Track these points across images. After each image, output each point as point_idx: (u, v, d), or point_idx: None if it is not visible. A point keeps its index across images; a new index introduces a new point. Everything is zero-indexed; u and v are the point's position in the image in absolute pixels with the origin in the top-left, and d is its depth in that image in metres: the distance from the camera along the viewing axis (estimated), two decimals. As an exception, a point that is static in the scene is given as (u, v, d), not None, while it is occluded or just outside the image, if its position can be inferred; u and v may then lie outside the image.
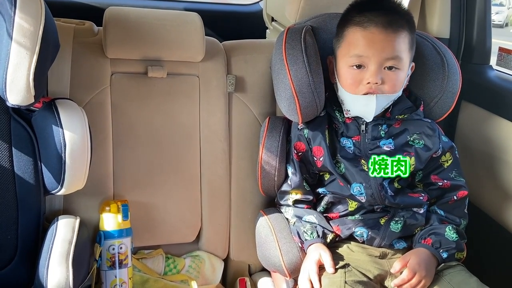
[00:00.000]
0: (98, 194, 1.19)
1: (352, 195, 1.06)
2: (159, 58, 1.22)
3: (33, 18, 0.87)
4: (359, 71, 1.02)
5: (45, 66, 0.95)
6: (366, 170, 1.06)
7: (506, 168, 1.20)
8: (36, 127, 1.01)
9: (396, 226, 1.05)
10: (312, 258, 1.01)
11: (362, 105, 1.04)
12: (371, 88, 1.02)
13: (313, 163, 1.11)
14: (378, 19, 1.00)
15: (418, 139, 1.08)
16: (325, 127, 1.10)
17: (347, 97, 1.06)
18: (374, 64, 1.00)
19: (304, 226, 1.06)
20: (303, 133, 1.12)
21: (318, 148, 1.09)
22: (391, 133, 1.08)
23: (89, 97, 1.18)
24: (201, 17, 1.24)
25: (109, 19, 1.18)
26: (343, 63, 1.05)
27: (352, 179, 1.06)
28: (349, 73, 1.04)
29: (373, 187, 1.05)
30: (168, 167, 1.25)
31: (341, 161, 1.08)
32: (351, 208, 1.09)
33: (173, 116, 1.25)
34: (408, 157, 1.06)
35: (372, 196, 1.05)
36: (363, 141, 1.08)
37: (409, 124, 1.09)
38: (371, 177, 1.05)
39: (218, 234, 1.30)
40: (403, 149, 1.07)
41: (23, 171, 1.01)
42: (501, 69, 1.32)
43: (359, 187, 1.06)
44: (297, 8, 1.20)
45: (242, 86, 1.30)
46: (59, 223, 1.04)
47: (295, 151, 1.13)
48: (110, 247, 1.13)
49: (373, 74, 1.00)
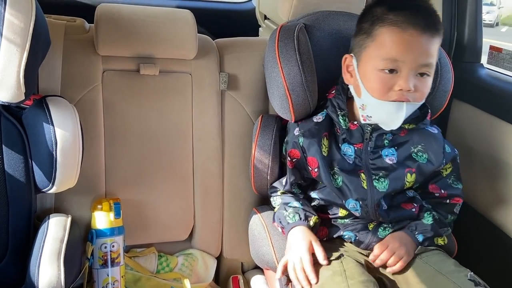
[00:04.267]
0: (90, 192, 1.18)
1: (344, 207, 1.04)
2: (151, 56, 1.22)
3: (23, 14, 0.86)
4: (390, 76, 0.93)
5: (36, 63, 0.94)
6: (365, 187, 1.01)
7: (498, 166, 1.21)
8: (27, 124, 1.00)
9: (384, 232, 1.04)
10: (303, 245, 0.97)
11: (390, 113, 0.95)
12: (403, 95, 0.93)
13: (308, 171, 1.07)
14: (416, 20, 0.91)
15: (422, 151, 1.03)
16: (323, 134, 1.04)
17: (372, 103, 0.96)
18: (408, 70, 0.92)
19: (287, 210, 1.05)
20: (298, 141, 1.06)
21: (312, 159, 1.04)
22: (395, 142, 1.03)
23: (80, 94, 1.17)
24: (194, 15, 1.24)
25: (101, 16, 1.17)
26: (371, 65, 0.95)
27: (349, 195, 1.02)
28: (378, 76, 0.94)
29: (370, 205, 1.01)
30: (161, 165, 1.24)
31: (339, 173, 1.02)
32: (342, 214, 1.06)
33: (165, 114, 1.24)
34: (409, 174, 1.02)
35: (366, 214, 1.03)
36: (365, 149, 1.03)
37: (415, 134, 1.04)
38: (369, 194, 1.01)
39: (211, 232, 1.30)
40: (405, 163, 1.02)
41: (13, 169, 0.99)
42: (492, 68, 1.33)
43: (355, 204, 1.02)
44: (289, 6, 1.20)
45: (234, 84, 1.30)
46: (50, 221, 1.03)
47: (289, 158, 1.08)
48: (102, 246, 1.12)
49: (407, 80, 0.92)
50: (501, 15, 10.38)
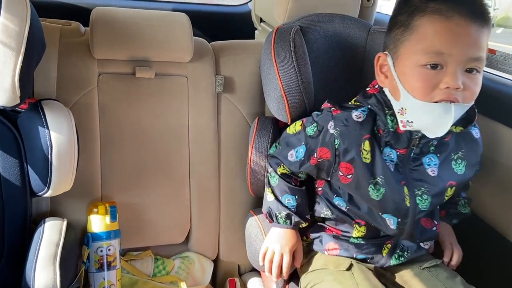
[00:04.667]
0: (86, 195, 1.18)
1: (377, 220, 0.94)
2: (147, 59, 1.22)
3: (18, 18, 0.86)
4: (434, 72, 0.80)
5: (31, 66, 0.94)
6: (408, 205, 0.90)
7: (494, 168, 1.21)
8: (22, 128, 1.00)
9: (397, 261, 0.99)
10: (288, 246, 1.00)
11: (435, 116, 0.81)
12: (451, 95, 0.80)
13: (333, 177, 0.94)
14: (463, 8, 0.79)
15: (462, 158, 0.93)
16: (364, 137, 0.90)
17: (413, 105, 0.83)
18: (456, 64, 0.79)
19: (280, 212, 1.01)
20: (333, 142, 0.91)
21: (347, 166, 0.91)
22: (439, 148, 0.92)
23: (76, 98, 1.17)
24: (190, 18, 1.24)
25: (96, 19, 1.17)
26: (410, 61, 0.83)
27: (387, 208, 0.91)
28: (420, 73, 0.81)
29: (408, 225, 0.92)
30: (157, 168, 1.24)
31: (383, 185, 0.89)
32: (356, 234, 0.98)
33: (161, 117, 1.24)
34: (450, 188, 0.94)
35: (401, 232, 0.94)
36: (408, 156, 0.91)
37: (460, 138, 0.94)
38: (411, 213, 0.91)
39: (207, 234, 1.30)
40: (446, 175, 0.92)
41: (9, 173, 0.99)
42: (486, 69, 1.33)
43: (392, 220, 0.93)
44: (285, 9, 1.20)
45: (230, 87, 1.30)
46: (46, 225, 1.02)
47: (316, 155, 0.95)
48: (98, 249, 1.12)
49: (454, 76, 0.79)
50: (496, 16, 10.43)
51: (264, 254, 1.03)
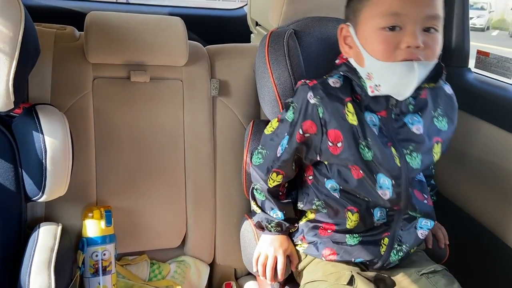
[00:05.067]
0: (81, 200, 1.18)
1: (374, 188, 0.90)
2: (142, 63, 1.22)
3: (12, 23, 0.86)
4: (394, 33, 0.83)
5: (25, 71, 0.94)
6: (399, 164, 0.89)
7: (486, 169, 1.22)
8: (16, 133, 1.00)
9: (396, 257, 0.97)
10: (281, 249, 1.00)
11: (400, 75, 0.83)
12: (412, 53, 0.82)
13: (322, 150, 0.92)
14: None
15: (442, 115, 0.94)
16: (346, 100, 0.89)
17: (378, 68, 0.85)
18: (413, 24, 0.81)
19: (269, 223, 1.02)
20: (316, 111, 0.90)
21: (335, 132, 0.89)
22: (418, 106, 0.93)
23: (70, 102, 1.17)
24: (186, 22, 1.24)
25: (91, 23, 1.17)
26: (370, 27, 0.85)
27: (379, 169, 0.89)
28: (380, 36, 0.83)
29: (403, 186, 0.90)
30: (152, 172, 1.24)
31: (372, 146, 0.88)
32: (350, 224, 0.95)
33: (156, 121, 1.24)
34: (437, 144, 0.93)
35: (398, 196, 0.90)
36: (389, 118, 0.91)
37: (434, 95, 0.94)
38: (403, 172, 0.89)
39: (203, 238, 1.30)
40: (431, 132, 0.93)
41: (3, 178, 0.99)
42: (479, 72, 1.34)
43: (387, 181, 0.89)
44: (279, 13, 1.21)
45: (226, 90, 1.30)
46: (40, 230, 1.02)
47: (301, 131, 0.92)
48: (93, 254, 1.12)
49: (414, 35, 0.81)
50: (492, 19, 10.51)
51: (257, 259, 1.03)
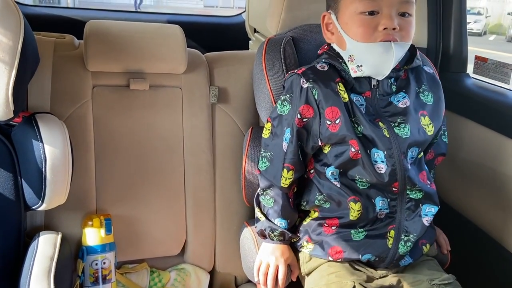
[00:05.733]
0: (80, 208, 1.17)
1: (370, 165, 0.92)
2: (141, 71, 1.22)
3: (12, 32, 0.87)
4: (372, 17, 0.91)
5: (25, 80, 0.94)
6: (387, 135, 0.92)
7: (485, 174, 1.22)
8: (16, 142, 1.00)
9: (405, 248, 0.96)
10: (283, 258, 1.00)
11: (379, 55, 0.91)
12: (389, 35, 0.90)
13: (322, 132, 0.94)
14: None
15: (427, 91, 0.99)
16: (336, 80, 0.95)
17: (358, 48, 0.93)
18: (389, 8, 0.90)
19: (273, 231, 1.01)
20: (312, 93, 0.94)
21: (332, 109, 0.93)
22: (400, 86, 0.98)
23: (70, 110, 1.17)
24: (184, 29, 1.25)
25: (90, 32, 1.18)
26: (350, 12, 0.93)
27: (372, 144, 0.92)
28: (359, 19, 0.91)
29: (396, 156, 0.92)
30: (152, 179, 1.24)
31: (360, 122, 0.93)
32: (353, 215, 0.95)
33: (156, 128, 1.24)
34: (423, 117, 0.96)
35: (393, 166, 0.92)
36: (374, 97, 0.96)
37: (414, 74, 1.00)
38: (393, 143, 0.92)
39: (203, 246, 1.29)
40: (417, 106, 0.97)
41: (2, 187, 0.99)
42: (478, 77, 1.35)
43: (380, 154, 0.92)
44: (278, 20, 1.22)
45: (225, 97, 1.31)
46: (40, 239, 1.02)
47: (299, 116, 0.95)
48: (93, 263, 1.12)
49: (390, 18, 0.89)
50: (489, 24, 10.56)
51: (259, 268, 1.02)
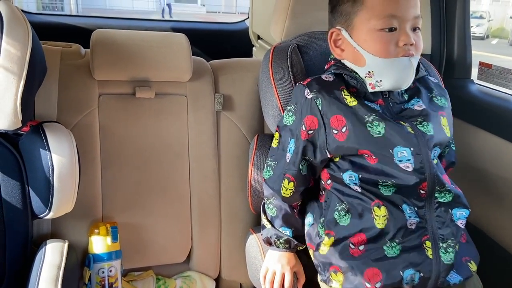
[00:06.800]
0: (87, 216, 1.18)
1: (394, 165, 0.88)
2: (146, 79, 1.23)
3: (20, 43, 0.88)
4: (391, 33, 0.90)
5: (33, 90, 0.95)
6: (412, 131, 0.89)
7: (490, 180, 1.22)
8: (24, 151, 1.00)
9: (448, 256, 0.88)
10: (289, 266, 1.00)
11: (401, 69, 0.91)
12: (409, 50, 0.91)
13: (329, 142, 0.92)
14: None
15: (439, 95, 1.00)
16: (341, 88, 0.94)
17: (380, 65, 0.91)
18: (405, 24, 0.90)
19: (278, 239, 1.01)
20: (315, 104, 0.93)
21: (338, 118, 0.91)
22: (411, 94, 0.97)
23: (77, 119, 1.18)
24: (188, 36, 1.26)
25: (96, 41, 1.19)
26: (368, 29, 0.91)
27: (395, 142, 0.88)
28: (380, 36, 0.90)
29: (423, 153, 0.88)
30: (157, 187, 1.24)
31: (379, 120, 0.90)
32: (379, 222, 0.88)
33: (161, 136, 1.25)
34: (442, 117, 0.96)
35: (421, 164, 0.88)
36: (387, 105, 0.95)
37: (423, 83, 1.01)
38: (420, 139, 0.89)
39: (209, 253, 1.29)
40: (433, 108, 0.97)
41: (10, 195, 0.99)
42: (482, 83, 1.35)
43: (405, 152, 0.88)
44: (282, 28, 1.22)
45: (230, 105, 1.31)
46: (47, 247, 1.02)
47: (304, 127, 0.94)
48: (100, 270, 1.12)
49: (407, 34, 0.90)
50: (491, 27, 10.56)
51: (265, 275, 1.03)
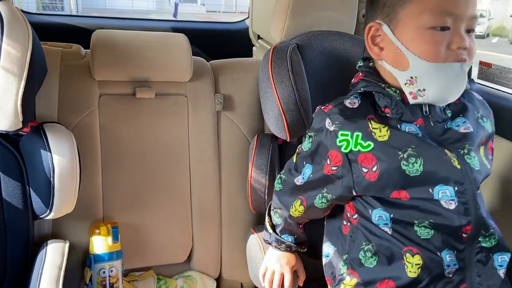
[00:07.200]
0: (88, 217, 1.18)
1: (434, 203, 0.77)
2: (147, 79, 1.23)
3: (20, 44, 0.88)
4: (443, 33, 0.76)
5: (33, 91, 0.95)
6: (458, 166, 0.76)
7: (491, 180, 1.21)
8: (24, 151, 1.01)
9: None
10: (289, 265, 1.00)
11: (452, 78, 0.77)
12: (461, 55, 0.76)
13: (356, 181, 0.80)
14: None
15: (485, 117, 0.86)
16: (368, 117, 0.80)
17: (426, 69, 0.77)
18: (460, 23, 0.76)
19: (279, 244, 1.01)
20: (337, 140, 0.80)
21: (366, 155, 0.78)
22: (455, 111, 0.83)
23: (77, 119, 1.18)
24: (188, 35, 1.26)
25: (97, 42, 1.19)
26: (416, 26, 0.77)
27: (435, 180, 0.76)
28: (430, 35, 0.76)
29: (469, 192, 0.76)
30: (158, 187, 1.25)
31: (417, 154, 0.76)
32: (411, 271, 0.77)
33: (162, 136, 1.25)
34: (483, 146, 0.84)
35: (465, 206, 0.76)
36: (428, 125, 0.80)
37: (469, 98, 0.87)
38: (466, 175, 0.76)
39: (209, 253, 1.30)
40: (479, 130, 0.83)
41: (11, 196, 1.00)
42: (482, 83, 1.35)
43: (448, 192, 0.76)
44: (282, 27, 1.22)
45: (230, 105, 1.31)
46: (48, 248, 1.02)
47: (329, 162, 0.81)
48: (101, 271, 1.12)
49: (461, 35, 0.76)
50: (491, 26, 10.54)
51: (264, 274, 1.03)
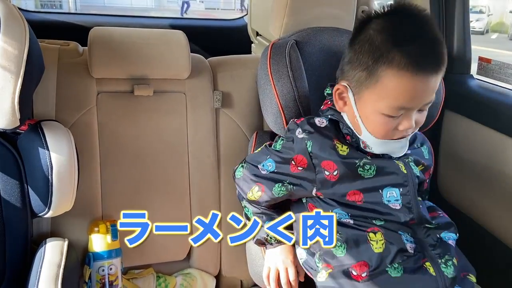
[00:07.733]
0: (86, 215, 1.18)
1: (383, 205, 0.89)
2: (145, 77, 1.23)
3: (17, 41, 0.87)
4: (393, 119, 0.86)
5: (30, 89, 0.95)
6: (405, 171, 0.90)
7: (490, 175, 1.22)
8: (22, 149, 1.00)
9: (450, 269, 0.87)
10: (289, 259, 1.00)
11: (393, 148, 0.92)
12: (406, 133, 0.89)
13: (319, 181, 0.92)
14: (427, 60, 0.81)
15: (421, 144, 1.03)
16: (333, 137, 0.93)
17: (374, 142, 0.91)
18: (414, 111, 0.86)
19: (267, 235, 1.00)
20: (305, 145, 0.92)
21: (328, 163, 0.90)
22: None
23: (75, 117, 1.17)
24: (187, 33, 1.25)
25: (94, 39, 1.18)
26: (373, 107, 0.86)
27: (385, 182, 0.90)
28: (382, 120, 0.86)
29: (411, 193, 0.90)
30: (157, 185, 1.24)
31: (371, 162, 0.90)
32: (377, 246, 0.88)
33: (160, 134, 1.25)
34: (424, 150, 1.01)
35: (408, 205, 0.89)
36: None
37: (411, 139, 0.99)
38: (410, 178, 0.90)
39: (209, 250, 1.30)
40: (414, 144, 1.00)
41: (9, 194, 0.99)
42: (482, 78, 1.35)
43: (394, 192, 0.90)
44: (280, 24, 1.22)
45: (229, 102, 1.31)
46: (47, 246, 1.02)
47: (294, 162, 0.93)
48: (100, 269, 1.12)
49: (410, 119, 0.86)
50: (491, 22, 10.53)
51: (268, 276, 1.02)
